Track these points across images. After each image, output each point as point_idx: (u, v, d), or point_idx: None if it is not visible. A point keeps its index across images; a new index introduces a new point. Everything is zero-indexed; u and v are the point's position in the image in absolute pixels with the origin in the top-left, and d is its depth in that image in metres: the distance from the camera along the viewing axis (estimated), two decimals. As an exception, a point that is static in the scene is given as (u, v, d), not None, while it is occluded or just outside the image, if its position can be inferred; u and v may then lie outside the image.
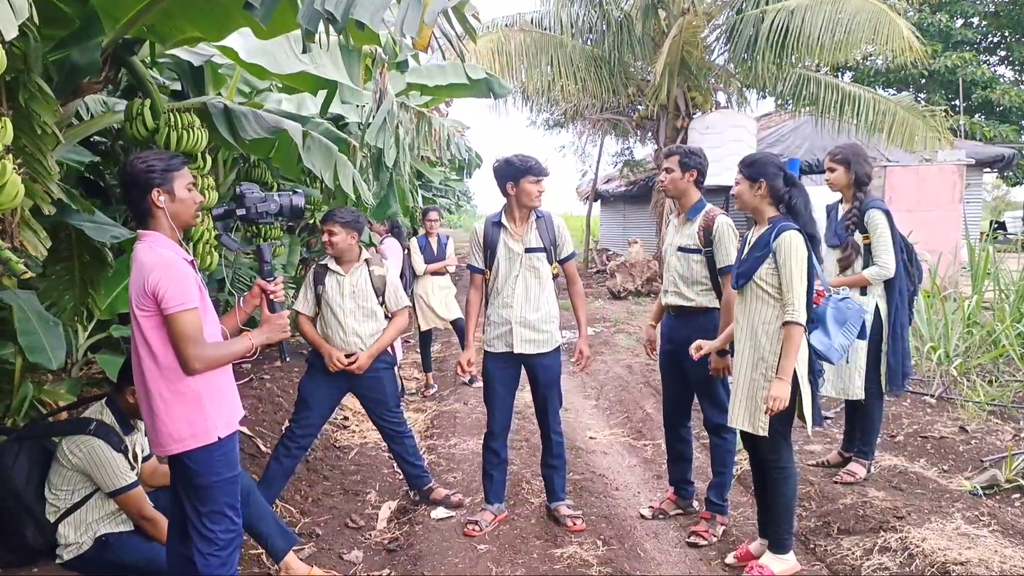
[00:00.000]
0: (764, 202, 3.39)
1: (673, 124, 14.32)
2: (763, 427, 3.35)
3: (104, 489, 3.01)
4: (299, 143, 4.48)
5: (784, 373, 3.21)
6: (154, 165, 2.62)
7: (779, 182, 3.36)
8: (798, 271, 3.22)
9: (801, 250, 3.24)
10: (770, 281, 3.32)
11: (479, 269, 4.10)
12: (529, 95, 15.26)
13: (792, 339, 3.21)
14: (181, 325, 2.52)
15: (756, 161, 3.42)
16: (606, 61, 13.86)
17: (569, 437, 5.68)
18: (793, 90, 13.89)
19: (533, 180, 3.89)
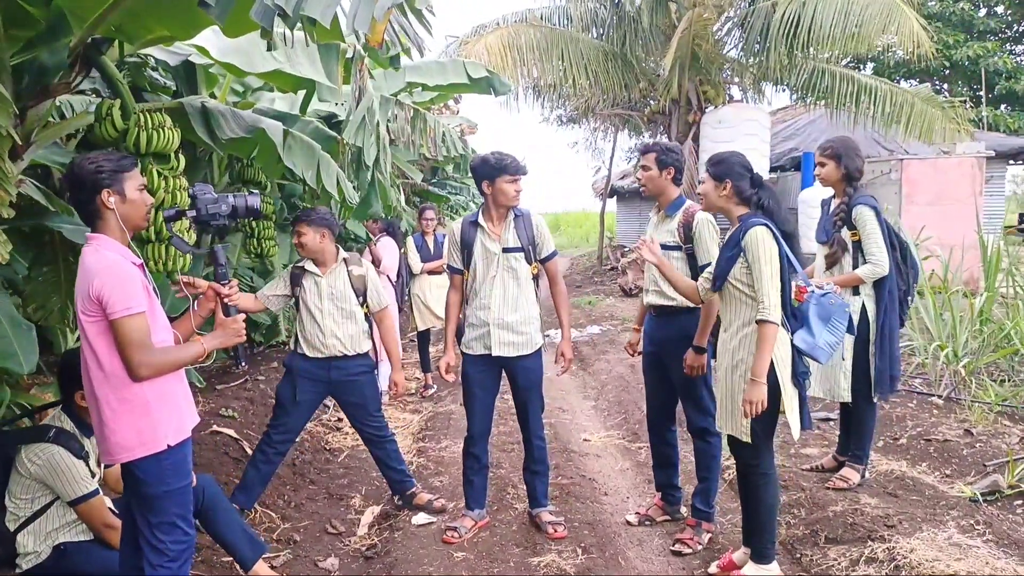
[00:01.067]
0: (730, 202, 3.29)
1: (685, 119, 14.12)
2: (744, 431, 3.23)
3: (64, 498, 2.95)
4: (278, 142, 4.41)
5: (757, 374, 3.09)
6: (103, 166, 2.55)
7: (744, 183, 3.25)
8: (768, 267, 3.10)
9: (768, 245, 3.11)
10: (744, 280, 3.20)
11: (457, 269, 4.01)
12: (541, 91, 15.12)
13: (765, 338, 3.09)
14: (126, 330, 2.45)
15: (723, 160, 3.31)
16: (617, 55, 13.70)
17: (562, 439, 5.59)
18: (807, 82, 13.65)
19: (509, 179, 3.79)
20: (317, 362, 4.09)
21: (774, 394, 3.15)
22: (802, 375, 3.21)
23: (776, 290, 3.11)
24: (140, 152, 3.74)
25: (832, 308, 3.19)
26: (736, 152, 3.41)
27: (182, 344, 2.70)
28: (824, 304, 3.19)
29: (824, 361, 3.22)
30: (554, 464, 5.02)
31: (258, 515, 4.21)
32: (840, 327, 3.20)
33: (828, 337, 3.18)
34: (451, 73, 7.63)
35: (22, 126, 3.67)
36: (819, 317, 3.18)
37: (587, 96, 15.21)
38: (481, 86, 7.92)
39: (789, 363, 3.18)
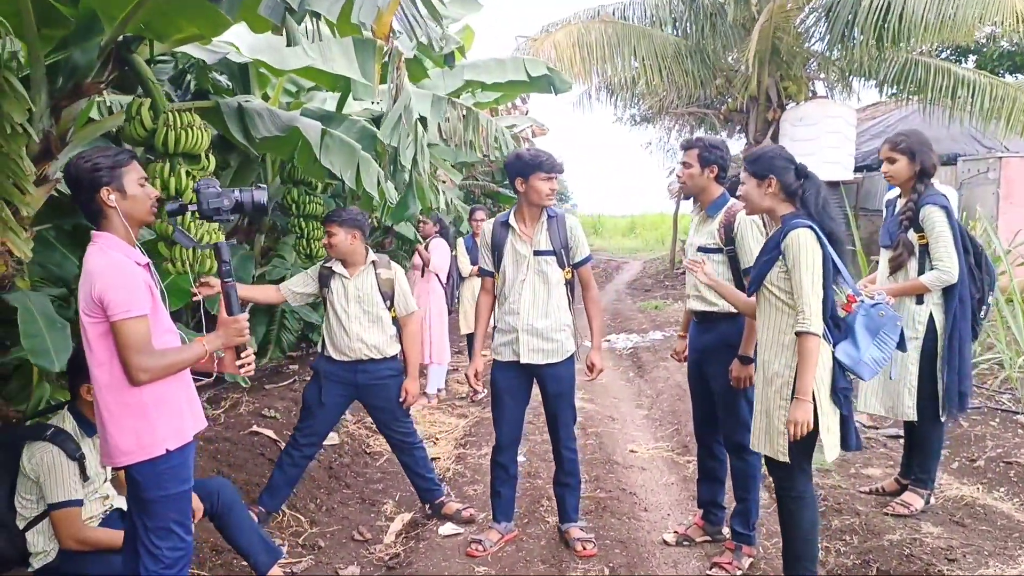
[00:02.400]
0: (777, 200, 3.01)
1: (764, 116, 13.58)
2: (783, 451, 2.96)
3: (47, 499, 2.91)
4: (315, 142, 4.35)
5: (802, 392, 2.82)
6: (100, 163, 2.49)
7: (790, 176, 2.97)
8: (808, 273, 2.82)
9: (811, 249, 2.84)
10: (782, 286, 2.94)
11: (488, 272, 3.86)
12: (614, 89, 14.81)
13: (807, 352, 2.81)
14: (126, 334, 2.39)
15: (761, 156, 3.04)
16: (693, 51, 13.28)
17: (607, 449, 5.37)
18: (898, 76, 12.92)
19: (544, 177, 3.61)
20: (343, 365, 4.00)
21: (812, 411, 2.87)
22: (843, 392, 2.91)
23: (818, 299, 2.84)
24: (169, 152, 3.73)
25: (882, 321, 2.89)
26: (774, 145, 3.15)
27: (182, 346, 2.63)
28: (874, 316, 2.89)
29: (867, 378, 2.92)
30: (594, 476, 4.82)
31: (286, 518, 4.16)
32: (890, 342, 2.89)
33: (875, 352, 2.87)
34: (510, 71, 7.48)
35: (57, 125, 3.71)
36: (867, 329, 2.88)
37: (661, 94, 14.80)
38: (541, 84, 7.75)
39: (828, 378, 2.89)
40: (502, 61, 7.54)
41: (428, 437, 5.77)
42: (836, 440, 2.94)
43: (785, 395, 2.92)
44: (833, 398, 2.91)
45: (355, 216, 3.95)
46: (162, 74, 5.64)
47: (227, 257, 2.77)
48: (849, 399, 2.95)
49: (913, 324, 3.86)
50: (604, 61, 12.44)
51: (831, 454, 2.94)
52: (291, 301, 4.11)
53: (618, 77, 13.28)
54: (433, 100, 6.31)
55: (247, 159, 5.85)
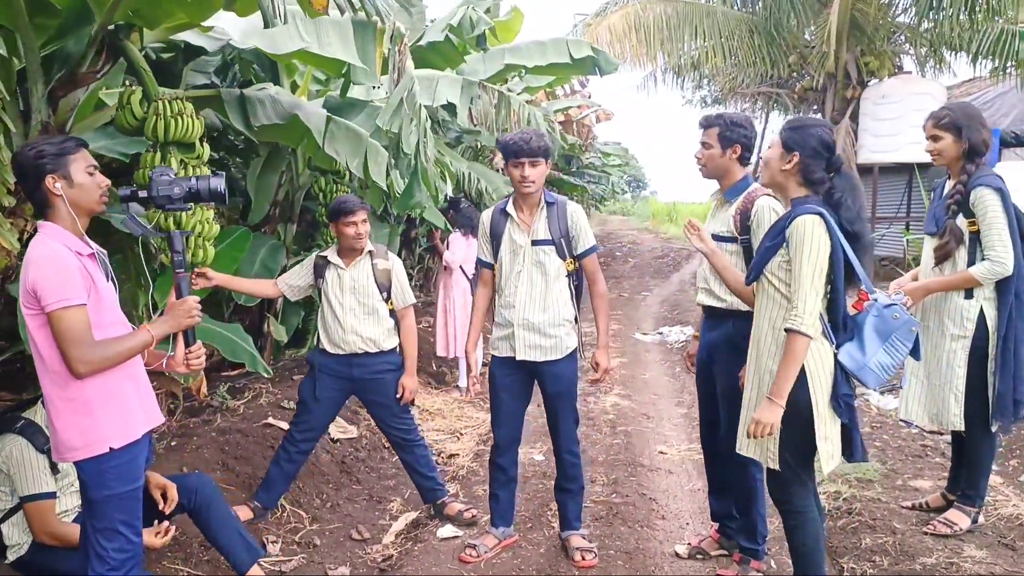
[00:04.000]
0: (791, 179, 2.70)
1: (842, 95, 12.79)
2: (772, 457, 2.66)
3: (18, 492, 2.88)
4: (317, 129, 4.22)
5: (776, 393, 2.54)
6: (44, 150, 2.41)
7: (817, 163, 2.65)
8: (809, 265, 2.50)
9: (818, 239, 2.52)
10: (783, 277, 2.63)
11: (487, 263, 3.64)
12: (681, 70, 14.24)
13: (791, 352, 2.52)
14: (62, 324, 2.30)
15: (801, 127, 2.71)
16: (762, 27, 12.61)
17: (634, 450, 5.09)
18: (993, 48, 11.93)
19: (514, 163, 3.37)
20: (338, 358, 3.87)
21: (807, 419, 2.56)
22: (844, 398, 2.58)
23: (815, 295, 2.52)
24: (160, 140, 3.66)
25: (895, 324, 2.55)
26: (823, 122, 2.79)
27: (125, 334, 2.50)
28: (886, 317, 2.55)
29: (872, 386, 2.59)
30: (612, 479, 4.56)
31: (286, 514, 4.06)
32: (901, 348, 2.55)
33: (883, 358, 2.54)
34: (551, 53, 7.22)
35: (54, 115, 3.69)
36: (876, 332, 2.55)
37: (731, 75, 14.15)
38: (585, 65, 7.46)
39: (828, 383, 2.58)
40: (543, 43, 7.29)
41: (452, 432, 5.62)
42: (834, 450, 2.63)
43: None
44: (833, 404, 2.59)
45: (361, 200, 3.83)
46: (208, 66, 5.66)
47: (179, 247, 2.65)
48: (851, 407, 2.62)
49: (961, 321, 3.44)
50: (664, 43, 11.93)
51: (828, 465, 2.64)
52: (288, 295, 4.00)
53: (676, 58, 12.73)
54: (463, 85, 6.13)
55: (276, 148, 5.80)
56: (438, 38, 6.55)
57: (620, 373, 7.19)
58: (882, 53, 12.63)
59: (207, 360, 2.92)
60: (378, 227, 7.42)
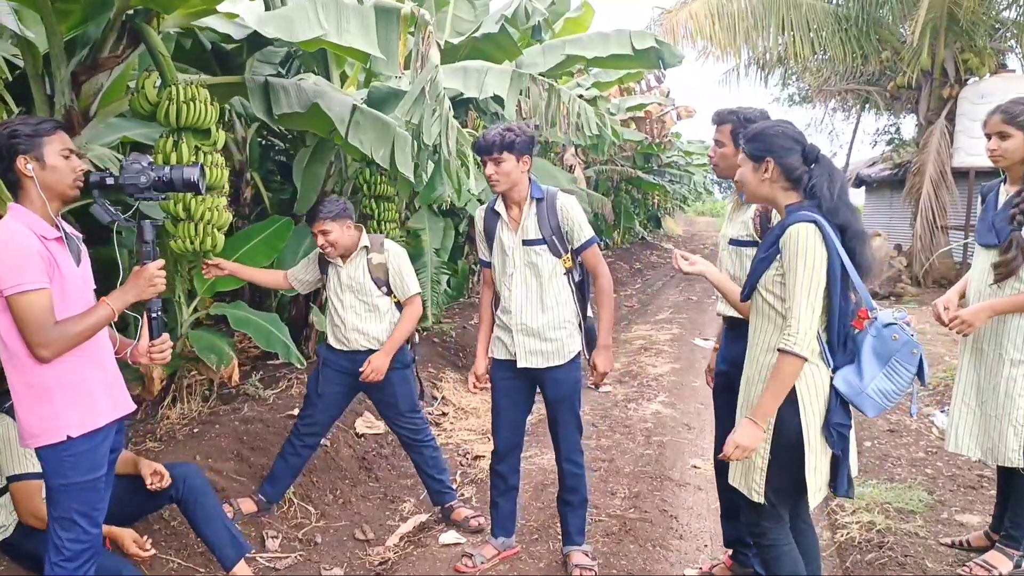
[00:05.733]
0: (775, 188, 2.44)
1: (938, 93, 12.01)
2: (757, 490, 2.42)
3: (3, 472, 2.89)
4: (340, 118, 4.14)
5: (759, 415, 2.31)
6: (19, 130, 2.38)
7: (792, 158, 2.39)
8: (805, 278, 2.25)
9: (812, 249, 2.26)
10: (777, 293, 2.37)
11: (487, 263, 3.47)
12: (767, 65, 13.65)
13: (780, 374, 2.28)
14: (20, 309, 2.28)
15: (760, 133, 2.46)
16: (853, 20, 11.93)
17: (665, 463, 4.83)
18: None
19: (482, 161, 3.20)
20: (342, 354, 3.78)
21: (796, 447, 2.30)
22: (837, 427, 2.31)
23: (812, 312, 2.26)
24: (173, 125, 3.65)
25: (895, 345, 2.27)
26: (780, 120, 2.53)
27: (85, 311, 2.42)
28: (885, 338, 2.28)
29: (872, 414, 2.30)
30: (634, 492, 4.32)
31: (294, 508, 4.01)
32: (902, 373, 2.27)
33: (883, 384, 2.26)
34: (613, 44, 6.99)
35: (77, 100, 3.73)
36: (875, 354, 2.28)
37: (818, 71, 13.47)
38: (648, 57, 7.21)
39: (821, 409, 2.32)
40: (605, 35, 7.07)
41: (483, 433, 5.47)
42: (822, 483, 2.37)
43: (768, 424, 2.36)
44: (825, 434, 2.33)
45: (341, 205, 3.66)
46: (275, 57, 5.71)
47: (148, 237, 2.58)
48: (845, 437, 2.35)
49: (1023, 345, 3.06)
50: (748, 33, 11.42)
51: (814, 499, 2.38)
52: (298, 288, 3.94)
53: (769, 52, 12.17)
54: (513, 77, 5.96)
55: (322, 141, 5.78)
56: (493, 29, 6.43)
57: (668, 380, 6.89)
58: (983, 50, 11.77)
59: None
60: (432, 222, 7.36)
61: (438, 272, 7.10)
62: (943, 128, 11.68)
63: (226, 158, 5.86)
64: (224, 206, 3.85)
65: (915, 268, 11.74)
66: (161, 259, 2.57)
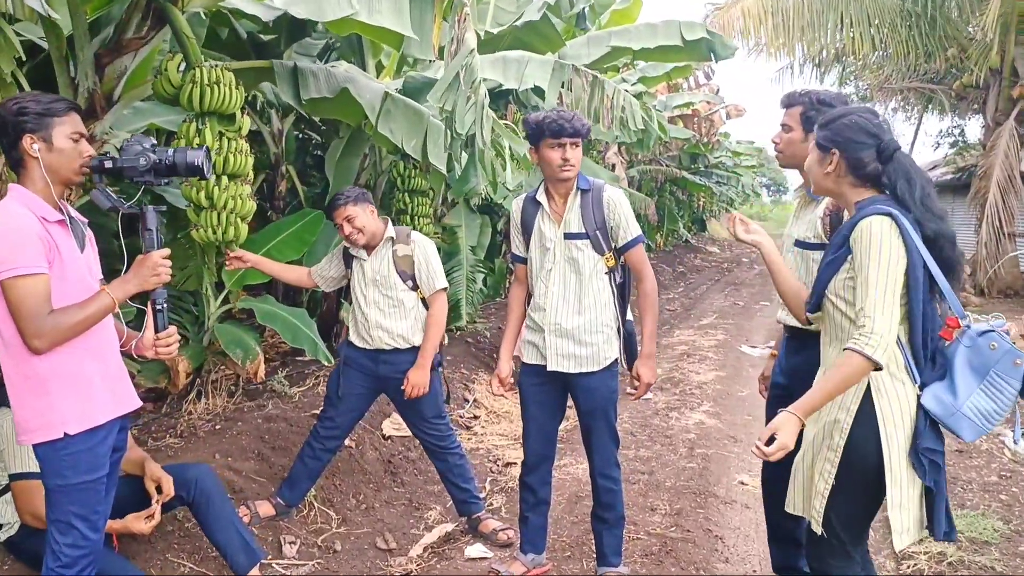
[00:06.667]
0: (842, 182, 2.16)
1: (1007, 93, 11.44)
2: (817, 516, 2.12)
3: (6, 469, 2.75)
4: (370, 105, 3.95)
5: (801, 408, 2.03)
6: (28, 107, 2.22)
7: (865, 154, 2.10)
8: (881, 274, 1.96)
9: (888, 244, 1.97)
10: (848, 299, 2.09)
11: (521, 258, 3.23)
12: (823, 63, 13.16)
13: (842, 369, 1.99)
14: (14, 295, 2.11)
15: (831, 121, 2.18)
16: (918, 16, 11.40)
17: (710, 478, 4.53)
18: None
19: (552, 144, 2.92)
20: (365, 353, 3.57)
21: (873, 478, 2.01)
22: (927, 454, 2.00)
23: (888, 312, 1.96)
24: (196, 110, 3.49)
25: (993, 356, 1.96)
26: (860, 108, 2.24)
27: (84, 300, 2.24)
28: (981, 348, 1.97)
29: (969, 438, 1.99)
30: (676, 509, 4.03)
31: (315, 512, 3.82)
32: (1006, 388, 1.95)
33: (982, 402, 1.95)
34: (661, 35, 6.70)
35: (101, 84, 3.60)
36: (971, 368, 1.97)
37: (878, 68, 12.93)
38: (698, 49, 6.89)
39: (907, 431, 2.02)
40: (653, 25, 6.78)
41: (516, 439, 5.22)
42: (911, 521, 2.04)
43: (835, 444, 2.08)
44: (912, 461, 2.01)
45: (359, 190, 3.49)
46: (313, 48, 5.57)
47: (151, 225, 2.36)
48: (938, 465, 2.02)
49: None
50: (804, 30, 10.98)
51: (901, 540, 2.05)
52: (322, 286, 3.75)
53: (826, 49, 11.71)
54: (555, 67, 5.72)
55: (358, 131, 5.61)
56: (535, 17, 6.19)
57: (714, 388, 6.56)
58: (1056, 48, 11.18)
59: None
60: (469, 218, 7.15)
61: (474, 270, 6.90)
62: (1012, 130, 11.12)
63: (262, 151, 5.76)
64: (248, 194, 3.69)
65: (979, 277, 11.20)
66: (166, 248, 2.38)
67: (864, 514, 2.08)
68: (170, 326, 2.45)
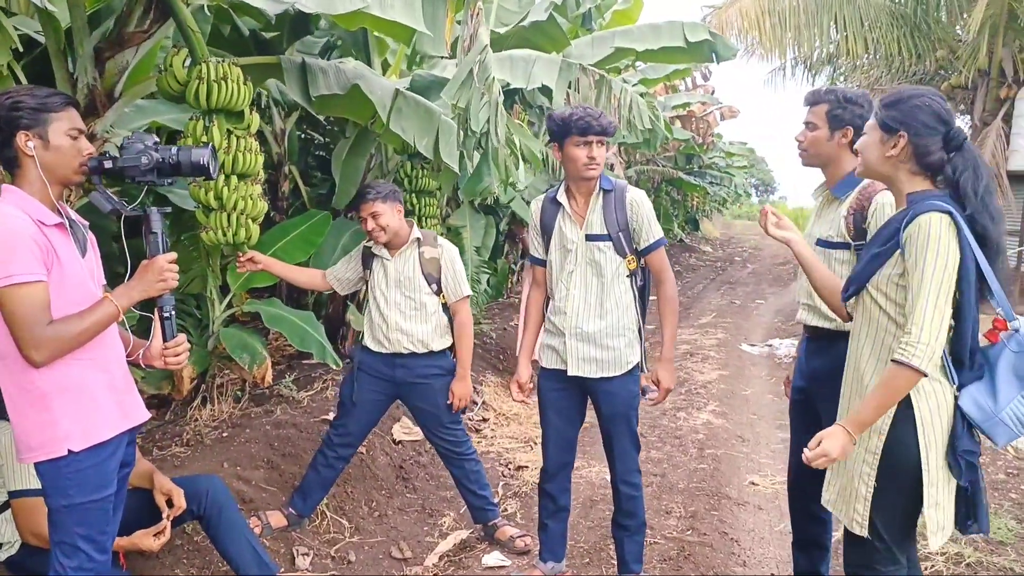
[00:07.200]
0: (900, 168, 2.08)
1: (995, 94, 11.47)
2: (860, 521, 2.08)
3: (5, 485, 2.63)
4: (381, 103, 3.88)
5: (853, 423, 1.98)
6: (23, 102, 2.08)
7: (932, 140, 2.03)
8: (935, 279, 1.91)
9: (946, 246, 1.91)
10: (891, 296, 2.04)
11: (539, 260, 3.17)
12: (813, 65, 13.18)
13: (890, 384, 1.94)
14: (9, 305, 1.98)
15: (899, 101, 2.08)
16: (908, 18, 11.44)
17: (721, 478, 4.50)
18: None
19: (579, 141, 2.86)
20: (381, 357, 3.50)
21: (913, 479, 1.97)
22: (964, 455, 1.96)
23: (940, 320, 1.91)
24: (203, 107, 3.40)
25: None
26: (928, 90, 2.13)
27: (85, 309, 2.11)
28: None
29: (1002, 443, 1.97)
30: (691, 511, 3.99)
31: (327, 522, 3.74)
32: None
33: (1022, 409, 1.90)
34: (665, 36, 6.67)
35: (101, 79, 3.50)
36: (1014, 373, 1.94)
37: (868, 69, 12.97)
38: (701, 50, 6.87)
39: (945, 433, 1.98)
40: (657, 26, 6.75)
41: (526, 441, 5.18)
42: (946, 520, 2.01)
43: (874, 446, 2.04)
44: (949, 461, 1.98)
45: (393, 188, 3.43)
46: (315, 47, 5.48)
47: (156, 228, 2.23)
48: (974, 466, 1.99)
49: None
50: (800, 31, 10.99)
51: (937, 539, 2.02)
52: (338, 289, 3.68)
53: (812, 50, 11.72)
54: (561, 67, 5.66)
55: (364, 130, 5.52)
56: (541, 17, 6.13)
57: (718, 387, 6.54)
58: (1042, 49, 11.25)
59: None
60: (474, 219, 7.08)
61: (478, 271, 6.83)
62: (999, 130, 11.17)
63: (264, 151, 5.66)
64: (259, 195, 3.60)
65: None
66: (173, 252, 2.26)
67: (908, 515, 2.04)
68: (179, 334, 2.35)
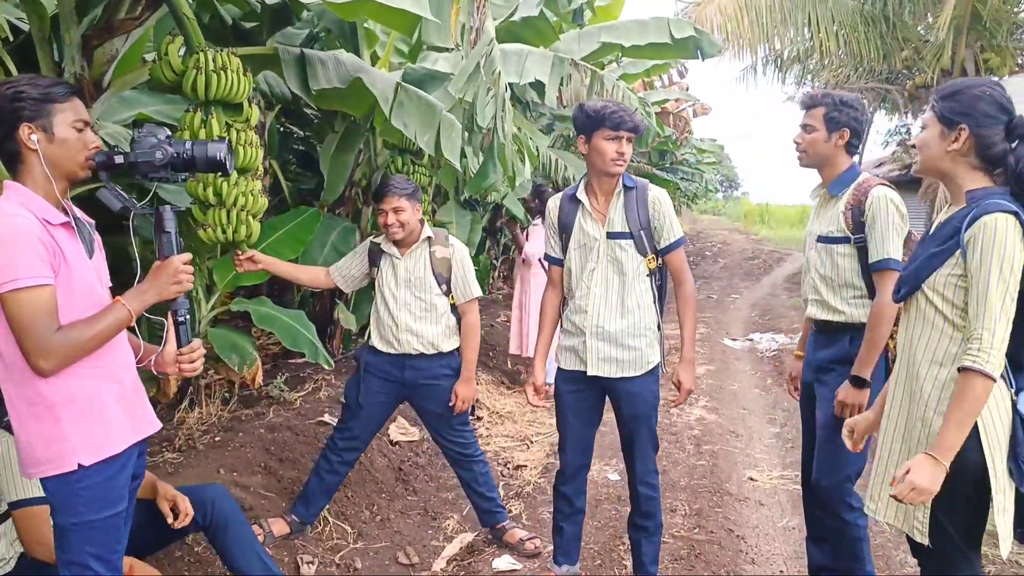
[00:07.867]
0: (960, 163, 2.03)
1: (959, 93, 11.72)
2: (920, 528, 2.05)
3: (6, 496, 2.49)
4: (383, 97, 3.78)
5: (941, 450, 1.90)
6: (25, 92, 1.93)
7: (994, 131, 1.97)
8: (1001, 282, 1.87)
9: (1012, 247, 1.87)
10: (949, 297, 2.00)
11: (556, 259, 3.12)
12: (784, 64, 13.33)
13: (969, 398, 1.88)
14: (15, 309, 1.84)
15: (958, 92, 2.02)
16: (877, 18, 11.62)
17: (720, 474, 4.50)
18: None
19: (609, 136, 2.81)
20: (389, 358, 3.41)
21: (977, 483, 1.95)
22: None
23: (1006, 323, 1.89)
24: (201, 99, 3.26)
25: None
26: (987, 80, 2.08)
27: (95, 314, 1.98)
28: None
29: None
30: (696, 509, 3.99)
31: (329, 528, 3.64)
32: None
33: None
34: (652, 32, 6.66)
35: (89, 68, 3.34)
36: None
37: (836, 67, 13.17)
38: (686, 47, 6.88)
39: (1005, 437, 1.96)
40: (643, 22, 6.74)
41: (522, 439, 5.13)
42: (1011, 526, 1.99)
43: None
44: (1011, 466, 1.96)
45: (414, 185, 3.36)
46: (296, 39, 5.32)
47: (169, 227, 2.11)
48: None
49: None
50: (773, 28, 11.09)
51: (1006, 546, 1.99)
52: (342, 287, 3.57)
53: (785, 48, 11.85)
54: (554, 62, 5.62)
55: (353, 124, 5.40)
56: (532, 13, 6.07)
57: (707, 383, 6.57)
58: (1003, 49, 11.49)
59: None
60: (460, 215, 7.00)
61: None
62: (961, 128, 11.42)
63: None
64: (259, 190, 3.47)
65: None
66: (187, 253, 2.13)
67: (977, 518, 2.02)
68: (193, 339, 2.24)
